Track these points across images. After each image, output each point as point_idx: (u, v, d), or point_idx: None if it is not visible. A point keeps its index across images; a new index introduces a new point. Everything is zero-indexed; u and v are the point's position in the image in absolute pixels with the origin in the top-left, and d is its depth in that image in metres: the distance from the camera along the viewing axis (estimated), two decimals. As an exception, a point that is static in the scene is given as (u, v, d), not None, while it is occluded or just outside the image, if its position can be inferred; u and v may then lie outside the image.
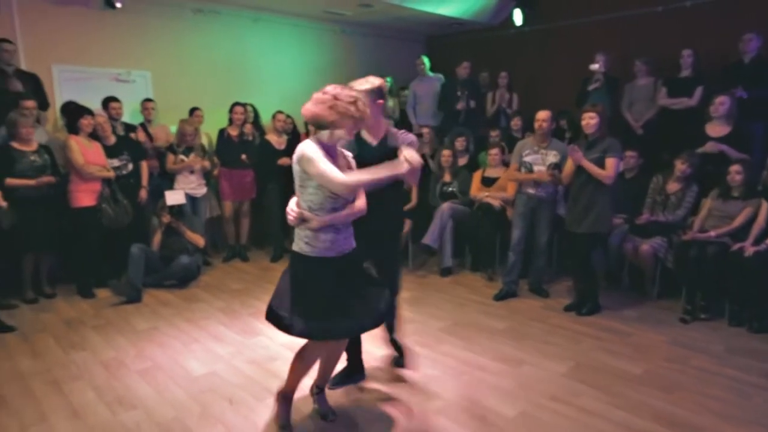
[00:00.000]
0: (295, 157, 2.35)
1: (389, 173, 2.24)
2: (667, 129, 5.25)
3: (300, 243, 2.39)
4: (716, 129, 4.52)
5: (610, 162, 3.79)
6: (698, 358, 3.40)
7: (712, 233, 4.05)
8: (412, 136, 2.87)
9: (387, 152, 2.65)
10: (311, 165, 2.23)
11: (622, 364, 3.32)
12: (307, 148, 2.27)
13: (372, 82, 2.72)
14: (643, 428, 2.62)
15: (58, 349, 3.59)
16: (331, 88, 2.34)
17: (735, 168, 4.07)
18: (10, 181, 4.15)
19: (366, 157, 2.63)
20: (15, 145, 4.24)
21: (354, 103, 2.30)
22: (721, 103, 4.43)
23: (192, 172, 5.30)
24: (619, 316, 4.09)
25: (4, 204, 4.04)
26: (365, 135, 2.82)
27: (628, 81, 5.63)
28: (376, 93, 2.71)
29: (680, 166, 4.31)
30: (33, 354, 3.52)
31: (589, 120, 3.84)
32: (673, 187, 4.42)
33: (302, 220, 2.35)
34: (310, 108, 2.31)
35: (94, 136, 4.67)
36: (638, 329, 3.86)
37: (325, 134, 2.34)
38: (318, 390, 2.78)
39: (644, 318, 4.07)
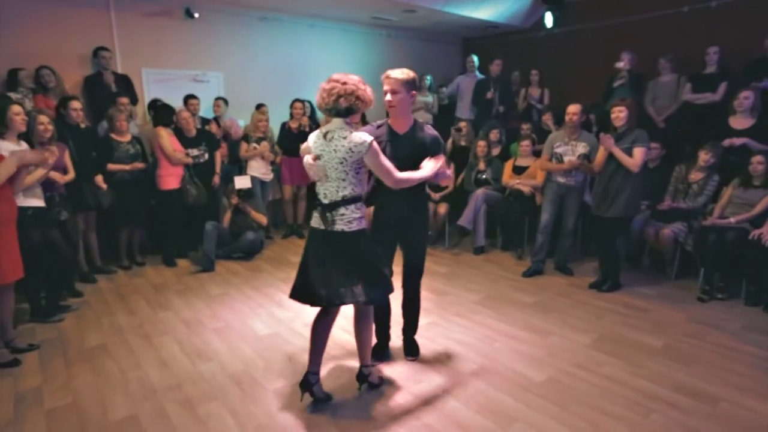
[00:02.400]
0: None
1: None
2: (689, 123, 4.95)
3: (345, 223, 2.24)
4: (740, 122, 4.22)
5: (638, 151, 3.60)
6: (716, 334, 3.22)
7: (732, 219, 3.81)
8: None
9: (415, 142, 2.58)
10: None
11: (642, 337, 3.18)
12: None
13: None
14: (664, 396, 2.51)
15: (148, 308, 3.74)
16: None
17: (757, 159, 3.80)
18: (111, 166, 4.31)
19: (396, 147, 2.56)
20: (113, 136, 4.39)
21: None
22: (746, 98, 4.13)
23: (263, 158, 5.37)
24: (640, 294, 3.92)
25: (104, 186, 4.21)
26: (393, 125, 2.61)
27: (651, 78, 5.33)
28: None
29: (704, 156, 4.06)
30: (129, 311, 3.68)
31: (619, 113, 3.66)
32: (695, 176, 4.17)
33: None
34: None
35: (176, 129, 4.79)
36: (658, 306, 3.69)
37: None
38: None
39: (663, 296, 3.89)
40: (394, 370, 2.80)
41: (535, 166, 4.86)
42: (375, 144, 2.20)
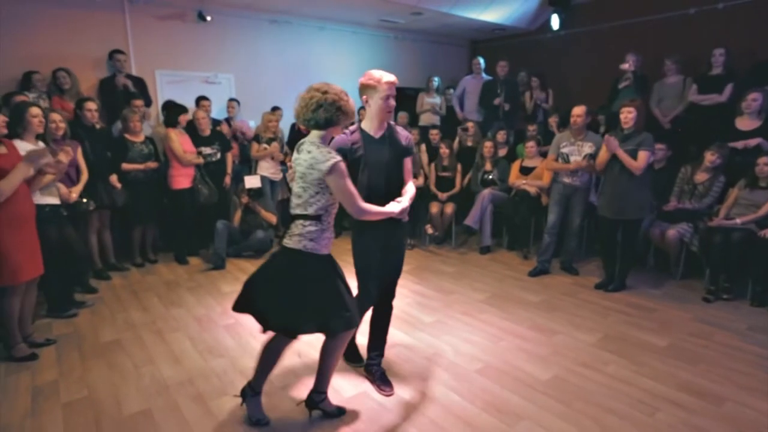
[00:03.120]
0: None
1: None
2: (694, 124, 4.91)
3: (295, 241, 2.04)
4: (747, 123, 4.18)
5: (642, 155, 3.57)
6: (721, 334, 3.19)
7: (738, 220, 3.77)
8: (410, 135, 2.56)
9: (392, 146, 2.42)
10: None
11: (647, 336, 3.16)
12: None
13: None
14: (669, 396, 2.49)
15: (160, 305, 3.77)
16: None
17: (764, 160, 3.76)
18: (125, 166, 4.35)
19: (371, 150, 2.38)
20: (127, 136, 4.42)
21: None
22: (754, 99, 4.09)
23: (272, 158, 5.39)
24: (645, 294, 3.89)
25: (118, 185, 4.25)
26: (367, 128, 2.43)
27: (657, 79, 5.28)
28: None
29: (710, 157, 4.02)
30: (142, 308, 3.71)
31: (627, 114, 3.63)
32: (701, 177, 4.13)
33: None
34: None
35: (191, 128, 4.83)
36: (663, 306, 3.66)
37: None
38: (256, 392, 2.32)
39: (668, 296, 3.86)
40: (400, 369, 2.80)
41: (542, 167, 4.84)
42: (342, 166, 1.97)
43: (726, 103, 4.62)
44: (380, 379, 2.62)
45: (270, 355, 2.23)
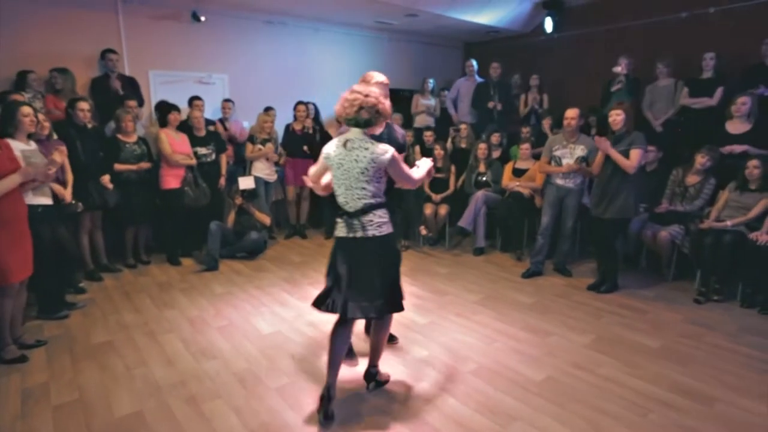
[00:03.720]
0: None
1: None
2: (686, 127, 4.95)
3: (375, 228, 2.24)
4: (736, 127, 4.22)
5: (634, 153, 3.60)
6: (712, 335, 3.21)
7: (728, 223, 3.80)
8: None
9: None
10: None
11: (639, 338, 3.18)
12: None
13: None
14: (660, 397, 2.51)
15: (153, 306, 3.74)
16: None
17: (753, 163, 3.80)
18: (118, 166, 4.31)
19: None
20: (120, 137, 4.39)
21: None
22: (743, 103, 4.13)
23: (267, 159, 5.37)
24: (637, 295, 3.92)
25: (110, 186, 4.21)
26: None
27: (649, 82, 5.32)
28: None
29: (700, 159, 4.06)
30: (134, 309, 3.68)
31: (616, 116, 3.67)
32: (692, 179, 4.17)
33: None
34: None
35: (186, 129, 4.80)
36: (655, 307, 3.68)
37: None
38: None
39: (660, 297, 3.88)
40: (395, 369, 2.80)
41: (535, 169, 4.86)
42: (397, 154, 2.23)
43: (716, 106, 4.67)
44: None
45: (341, 347, 2.37)
